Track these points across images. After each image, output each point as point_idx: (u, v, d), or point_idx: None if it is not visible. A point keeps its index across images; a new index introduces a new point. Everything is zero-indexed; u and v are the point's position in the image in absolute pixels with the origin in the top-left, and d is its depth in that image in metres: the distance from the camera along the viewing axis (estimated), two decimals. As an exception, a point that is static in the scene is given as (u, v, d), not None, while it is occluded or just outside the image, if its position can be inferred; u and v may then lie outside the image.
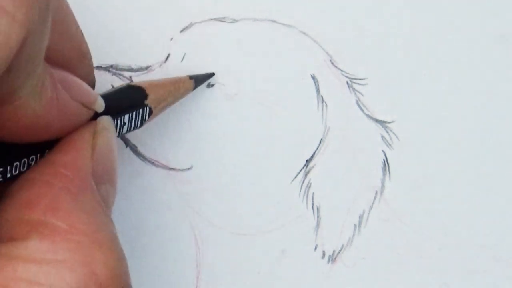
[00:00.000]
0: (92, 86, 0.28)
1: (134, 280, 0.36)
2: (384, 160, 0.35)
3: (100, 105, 0.27)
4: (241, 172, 0.35)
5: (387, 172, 0.35)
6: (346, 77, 0.35)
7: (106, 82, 0.35)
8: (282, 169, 0.35)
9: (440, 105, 0.35)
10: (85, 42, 0.28)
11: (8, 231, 0.23)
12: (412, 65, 0.35)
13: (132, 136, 0.35)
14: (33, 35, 0.21)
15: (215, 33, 0.35)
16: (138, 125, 0.30)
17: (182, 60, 0.35)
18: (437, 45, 0.35)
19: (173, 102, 0.33)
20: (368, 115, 0.35)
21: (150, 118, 0.31)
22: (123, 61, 0.35)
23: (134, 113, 0.30)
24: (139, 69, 0.35)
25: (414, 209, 0.35)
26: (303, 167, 0.35)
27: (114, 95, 0.30)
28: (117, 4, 0.35)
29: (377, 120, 0.35)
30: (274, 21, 0.35)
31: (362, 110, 0.35)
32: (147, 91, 0.31)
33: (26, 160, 0.25)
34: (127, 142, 0.35)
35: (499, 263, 0.35)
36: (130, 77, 0.35)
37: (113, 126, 0.28)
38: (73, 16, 0.27)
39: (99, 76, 0.34)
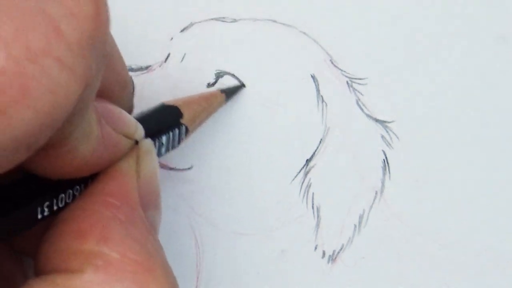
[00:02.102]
0: (130, 111, 0.28)
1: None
2: (384, 160, 0.35)
3: (140, 134, 0.27)
4: (241, 172, 0.35)
5: (387, 172, 0.35)
6: (346, 77, 0.35)
7: (106, 82, 0.35)
8: (282, 169, 0.35)
9: (440, 105, 0.35)
10: (127, 71, 0.28)
11: (61, 261, 0.23)
12: (412, 65, 0.35)
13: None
14: (90, 86, 0.21)
15: (215, 33, 0.35)
16: (176, 145, 0.30)
17: (182, 60, 0.35)
18: (437, 45, 0.35)
19: (206, 118, 0.33)
20: (368, 115, 0.35)
21: (187, 135, 0.31)
22: (123, 61, 0.35)
23: (171, 133, 0.30)
24: (139, 69, 0.35)
25: (414, 209, 0.35)
26: (303, 167, 0.35)
27: (151, 117, 0.30)
28: (117, 4, 0.35)
29: (377, 120, 0.35)
30: (274, 21, 0.35)
31: (362, 110, 0.35)
32: (182, 110, 0.31)
33: (71, 191, 0.25)
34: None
35: (499, 263, 0.35)
36: (130, 77, 0.35)
37: (154, 149, 0.28)
38: (117, 47, 0.27)
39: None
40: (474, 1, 0.35)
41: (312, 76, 0.35)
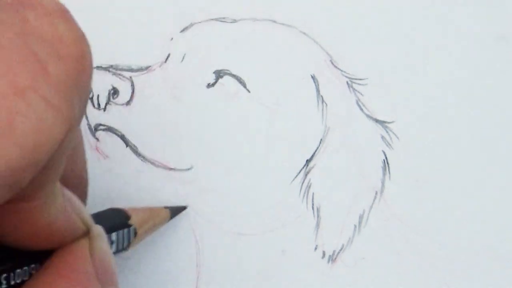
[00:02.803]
0: None
1: (134, 280, 0.36)
2: (384, 160, 0.35)
3: (92, 224, 0.27)
4: (241, 172, 0.35)
5: (387, 172, 0.35)
6: (346, 77, 0.35)
7: (106, 82, 0.35)
8: (282, 169, 0.35)
9: (440, 105, 0.35)
10: (86, 171, 0.28)
11: None
12: (412, 65, 0.35)
13: (132, 137, 0.35)
14: (72, 128, 0.21)
15: (215, 33, 0.35)
16: (126, 245, 0.31)
17: (182, 60, 0.35)
18: (437, 45, 0.35)
19: (153, 229, 0.34)
20: (368, 115, 0.35)
21: (135, 239, 0.32)
22: (123, 61, 0.35)
23: (121, 232, 0.31)
24: (139, 69, 0.35)
25: (414, 209, 0.35)
26: (303, 167, 0.35)
27: (99, 216, 0.30)
28: (117, 4, 0.35)
29: (377, 120, 0.35)
30: (274, 21, 0.35)
31: (362, 110, 0.35)
32: (128, 213, 0.32)
33: (27, 268, 0.25)
34: (127, 143, 0.35)
35: (499, 263, 0.35)
36: (130, 77, 0.35)
37: (105, 235, 0.28)
38: (83, 141, 0.27)
39: (99, 76, 0.35)
40: (474, 1, 0.35)
41: (312, 76, 0.35)
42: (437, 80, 0.35)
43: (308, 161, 0.35)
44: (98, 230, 0.27)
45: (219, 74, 0.35)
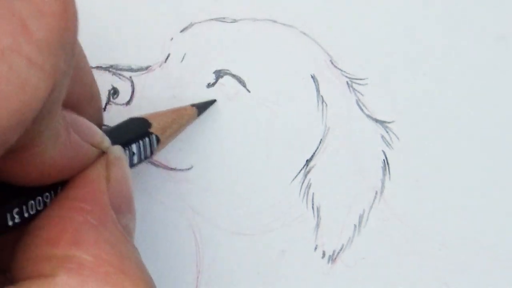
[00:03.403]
0: (100, 125, 0.28)
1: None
2: (384, 160, 0.35)
3: (107, 144, 0.27)
4: (241, 172, 0.35)
5: (387, 172, 0.35)
6: (346, 77, 0.35)
7: (106, 82, 0.35)
8: (282, 169, 0.35)
9: (440, 105, 0.35)
10: (95, 84, 0.28)
11: (34, 268, 0.23)
12: (412, 65, 0.35)
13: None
14: (58, 85, 0.21)
15: (215, 33, 0.35)
16: (149, 154, 0.31)
17: (182, 60, 0.35)
18: (437, 45, 0.35)
19: (179, 130, 0.33)
20: (368, 115, 0.35)
21: (159, 145, 0.31)
22: (123, 61, 0.35)
23: (141, 142, 0.30)
24: (139, 69, 0.35)
25: (414, 209, 0.35)
26: (303, 167, 0.35)
27: (119, 129, 0.30)
28: (117, 4, 0.35)
29: (377, 120, 0.35)
30: (274, 21, 0.35)
31: (362, 110, 0.35)
32: (150, 120, 0.31)
33: (40, 198, 0.25)
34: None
35: (499, 263, 0.35)
36: (130, 77, 0.35)
37: (124, 155, 0.28)
38: (85, 58, 0.27)
39: (99, 76, 0.35)
40: (474, 1, 0.35)
41: (312, 76, 0.35)
42: (437, 80, 0.35)
43: (308, 161, 0.35)
44: (116, 152, 0.27)
45: (219, 74, 0.35)
